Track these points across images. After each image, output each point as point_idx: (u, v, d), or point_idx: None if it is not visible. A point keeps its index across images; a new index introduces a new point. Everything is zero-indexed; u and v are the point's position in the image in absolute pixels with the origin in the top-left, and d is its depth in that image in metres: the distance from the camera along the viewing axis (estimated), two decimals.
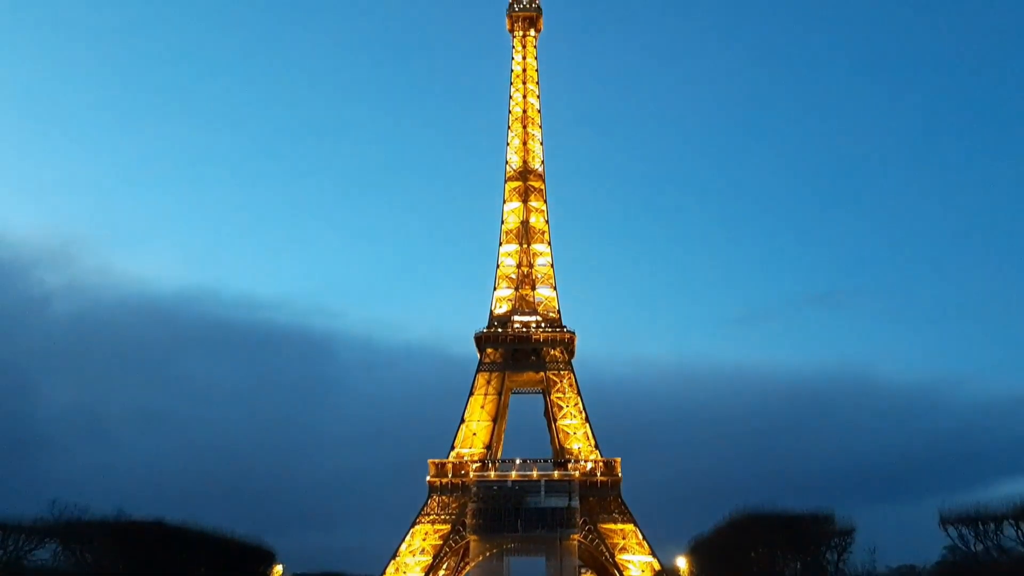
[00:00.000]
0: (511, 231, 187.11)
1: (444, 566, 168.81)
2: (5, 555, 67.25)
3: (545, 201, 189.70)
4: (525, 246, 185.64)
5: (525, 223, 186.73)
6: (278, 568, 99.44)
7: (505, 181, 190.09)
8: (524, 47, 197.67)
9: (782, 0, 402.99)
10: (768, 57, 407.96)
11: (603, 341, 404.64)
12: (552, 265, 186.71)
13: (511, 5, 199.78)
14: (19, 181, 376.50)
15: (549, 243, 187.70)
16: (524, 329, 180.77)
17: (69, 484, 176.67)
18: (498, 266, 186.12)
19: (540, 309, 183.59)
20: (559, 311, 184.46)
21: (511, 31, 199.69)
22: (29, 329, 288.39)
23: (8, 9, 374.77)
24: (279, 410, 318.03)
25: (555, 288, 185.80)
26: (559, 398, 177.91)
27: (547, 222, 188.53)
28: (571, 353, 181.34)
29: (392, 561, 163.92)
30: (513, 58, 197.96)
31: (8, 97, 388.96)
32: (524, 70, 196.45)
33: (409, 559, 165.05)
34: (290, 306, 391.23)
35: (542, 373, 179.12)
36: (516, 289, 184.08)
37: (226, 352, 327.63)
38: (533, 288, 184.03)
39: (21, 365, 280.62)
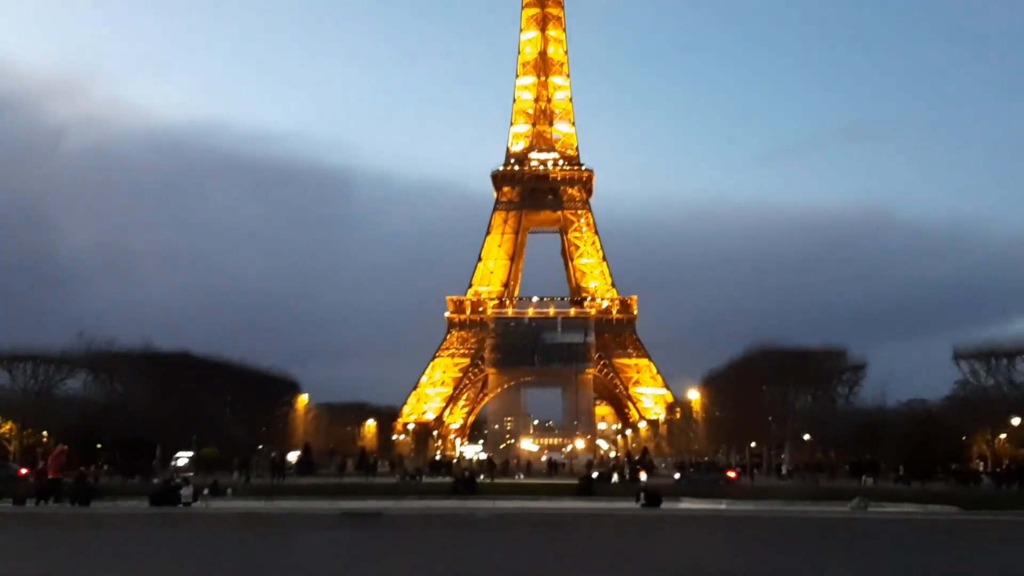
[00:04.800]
0: (528, 63, 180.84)
1: (464, 397, 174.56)
2: (37, 384, 69.50)
3: (564, 30, 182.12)
4: (543, 79, 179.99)
5: (543, 54, 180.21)
6: (303, 398, 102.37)
7: (522, 7, 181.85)
8: None
9: None
10: None
11: (623, 179, 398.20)
12: (571, 100, 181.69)
13: None
14: (22, 10, 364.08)
15: (568, 76, 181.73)
16: (541, 167, 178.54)
17: (94, 318, 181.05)
18: (515, 100, 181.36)
19: (558, 146, 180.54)
20: (577, 148, 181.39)
21: None
22: (44, 163, 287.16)
23: None
24: (298, 246, 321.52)
25: (574, 124, 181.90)
26: (576, 237, 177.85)
27: (566, 53, 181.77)
28: (589, 192, 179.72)
29: (413, 392, 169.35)
30: None
31: None
32: None
33: (429, 390, 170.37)
34: (306, 140, 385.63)
35: (559, 212, 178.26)
36: (533, 125, 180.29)
37: (242, 187, 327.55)
38: (551, 124, 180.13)
39: (39, 200, 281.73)
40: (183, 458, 68.13)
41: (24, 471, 50.92)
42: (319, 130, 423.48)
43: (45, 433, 69.33)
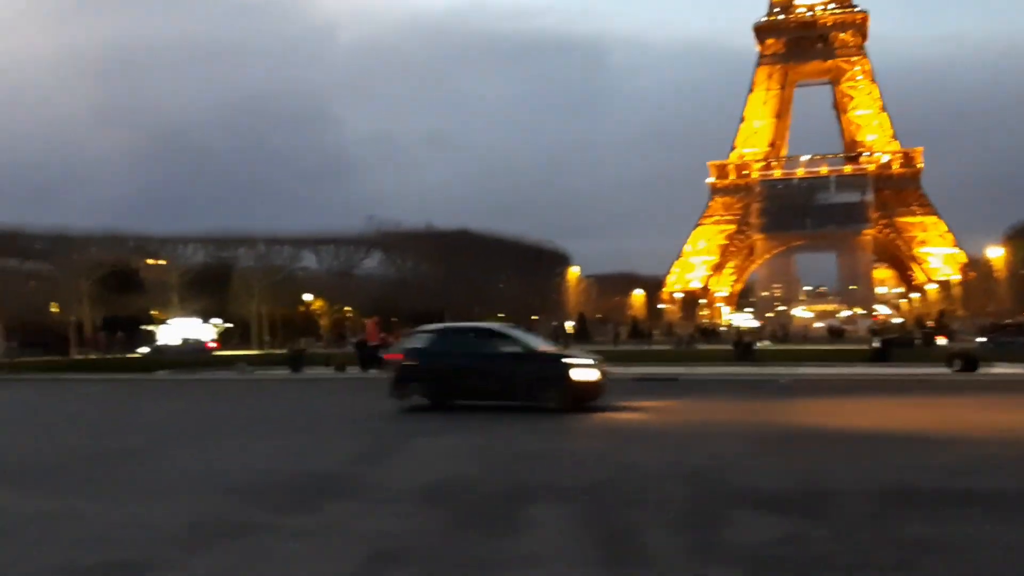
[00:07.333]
0: None
1: (730, 265, 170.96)
2: (338, 264, 76.76)
3: None
4: None
5: None
6: (573, 269, 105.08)
7: None
8: None
9: None
10: None
11: (902, 18, 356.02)
12: None
13: None
14: None
15: None
16: (808, 13, 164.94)
17: (378, 202, 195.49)
18: None
19: None
20: None
21: None
22: (319, 59, 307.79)
23: None
24: (557, 120, 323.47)
25: None
26: (850, 87, 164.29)
27: None
28: (864, 36, 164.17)
29: (677, 261, 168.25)
30: None
31: None
32: None
33: (694, 259, 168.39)
34: (558, 12, 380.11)
35: (830, 61, 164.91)
36: None
37: (499, 66, 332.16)
38: None
39: (321, 95, 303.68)
40: None
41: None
42: (571, 1, 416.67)
43: (348, 308, 76.65)
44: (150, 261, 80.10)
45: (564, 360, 17.09)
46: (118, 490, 9.42)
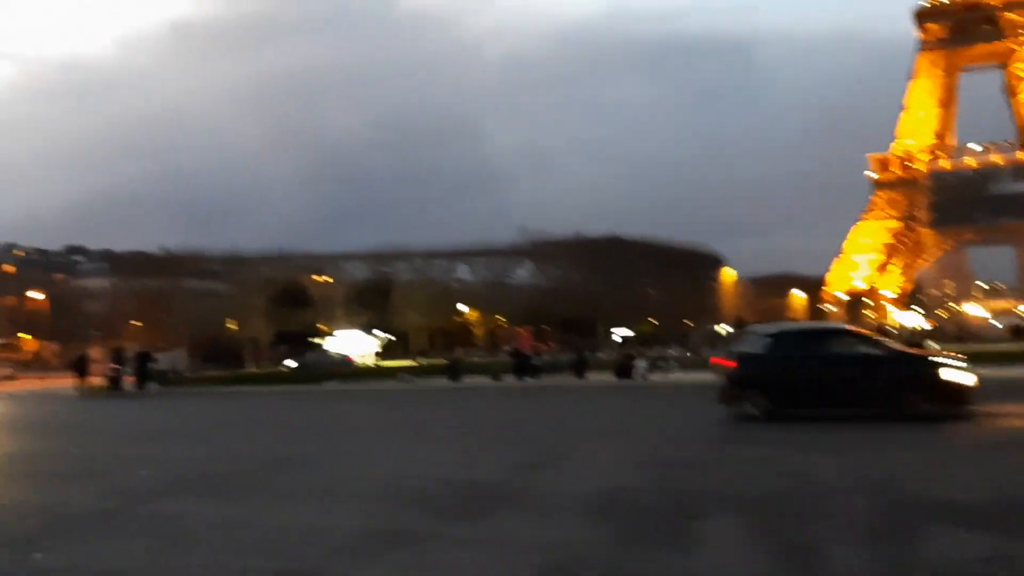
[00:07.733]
0: None
1: (895, 262, 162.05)
2: (491, 275, 77.99)
3: None
4: None
5: None
6: (728, 271, 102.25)
7: None
8: None
9: None
10: None
11: None
12: None
13: None
14: None
15: None
16: None
17: (527, 212, 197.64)
18: None
19: None
20: None
21: None
22: (467, 76, 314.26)
23: None
24: (704, 120, 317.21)
25: None
26: (1021, 69, 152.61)
27: None
28: None
29: (837, 260, 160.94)
30: None
31: None
32: None
33: (857, 257, 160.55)
34: (699, 11, 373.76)
35: (999, 43, 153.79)
36: None
37: (643, 70, 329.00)
38: None
39: (467, 109, 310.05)
40: (619, 335, 72.15)
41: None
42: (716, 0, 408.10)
43: (501, 318, 77.70)
44: (316, 278, 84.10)
45: (933, 360, 15.47)
46: (293, 497, 9.74)
